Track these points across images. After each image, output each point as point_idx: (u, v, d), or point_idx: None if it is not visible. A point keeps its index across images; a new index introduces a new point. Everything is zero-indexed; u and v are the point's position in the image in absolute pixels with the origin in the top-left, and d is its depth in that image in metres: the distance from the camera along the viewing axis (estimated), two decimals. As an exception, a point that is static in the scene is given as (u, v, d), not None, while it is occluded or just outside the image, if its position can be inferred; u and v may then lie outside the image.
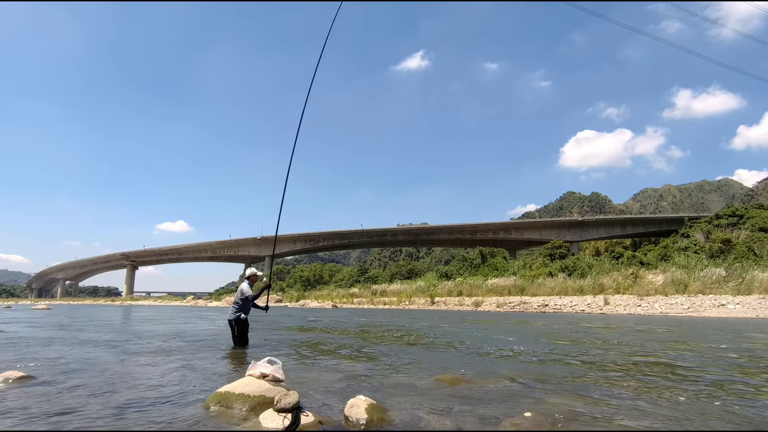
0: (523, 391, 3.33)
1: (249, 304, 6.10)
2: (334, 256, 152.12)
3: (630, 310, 16.38)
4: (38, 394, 3.23)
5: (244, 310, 6.09)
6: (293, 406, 2.44)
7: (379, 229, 74.50)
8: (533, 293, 23.54)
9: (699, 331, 8.79)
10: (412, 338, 7.60)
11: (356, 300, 31.59)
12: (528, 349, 5.92)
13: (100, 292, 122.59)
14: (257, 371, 2.99)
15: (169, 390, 3.41)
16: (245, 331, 6.15)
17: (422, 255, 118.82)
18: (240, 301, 6.03)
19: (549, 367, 4.51)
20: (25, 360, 5.01)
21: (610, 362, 4.80)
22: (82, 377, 3.92)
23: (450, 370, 4.21)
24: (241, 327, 6.08)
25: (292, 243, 75.91)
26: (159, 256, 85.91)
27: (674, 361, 4.86)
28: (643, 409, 2.79)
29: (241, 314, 6.04)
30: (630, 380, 3.76)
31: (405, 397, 3.14)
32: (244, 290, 6.05)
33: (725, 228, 32.81)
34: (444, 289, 28.91)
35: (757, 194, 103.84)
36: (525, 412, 2.57)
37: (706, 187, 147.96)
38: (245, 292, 6.03)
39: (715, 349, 5.77)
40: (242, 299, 6.02)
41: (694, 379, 3.82)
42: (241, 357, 5.37)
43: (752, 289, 16.41)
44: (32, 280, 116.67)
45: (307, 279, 55.90)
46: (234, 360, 5.19)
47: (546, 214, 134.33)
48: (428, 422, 2.52)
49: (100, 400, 3.03)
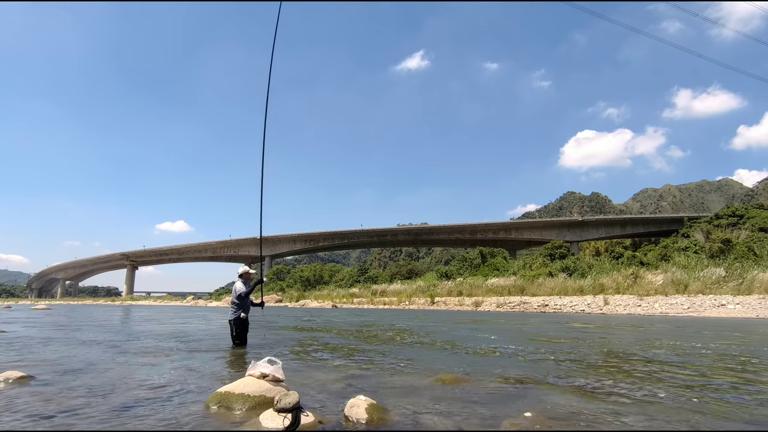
0: (523, 391, 3.33)
1: (247, 301, 6.08)
2: (334, 256, 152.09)
3: (630, 310, 16.37)
4: (38, 394, 3.23)
5: (243, 308, 6.08)
6: (293, 406, 2.44)
7: (379, 229, 74.51)
8: (533, 293, 23.54)
9: (697, 329, 8.79)
10: (411, 338, 7.60)
11: (356, 300, 31.57)
12: (528, 349, 5.92)
13: (100, 292, 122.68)
14: (257, 371, 2.99)
15: (169, 390, 3.41)
16: (245, 330, 6.13)
17: (422, 255, 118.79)
18: (237, 300, 6.00)
19: (549, 367, 4.51)
20: (25, 360, 5.01)
21: (609, 362, 4.80)
22: (82, 377, 3.92)
23: (450, 370, 4.21)
24: (240, 326, 6.06)
25: (292, 243, 75.91)
26: (159, 256, 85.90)
27: (672, 360, 4.86)
28: (643, 409, 2.79)
29: (240, 313, 6.03)
30: (630, 380, 3.76)
31: (405, 397, 3.14)
32: (238, 288, 6.00)
33: (725, 228, 32.80)
34: (444, 289, 28.90)
35: (757, 194, 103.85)
36: (525, 412, 2.57)
37: (706, 187, 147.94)
38: (239, 290, 5.98)
39: (704, 348, 5.78)
40: (238, 297, 5.99)
41: (703, 384, 3.82)
42: (241, 357, 5.36)
43: (752, 289, 16.41)
44: (32, 280, 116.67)
45: (307, 279, 55.83)
46: (234, 360, 5.19)
47: (546, 214, 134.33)
48: (428, 422, 2.52)
49: (100, 400, 3.03)
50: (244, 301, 6.03)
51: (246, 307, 6.11)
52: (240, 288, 6.03)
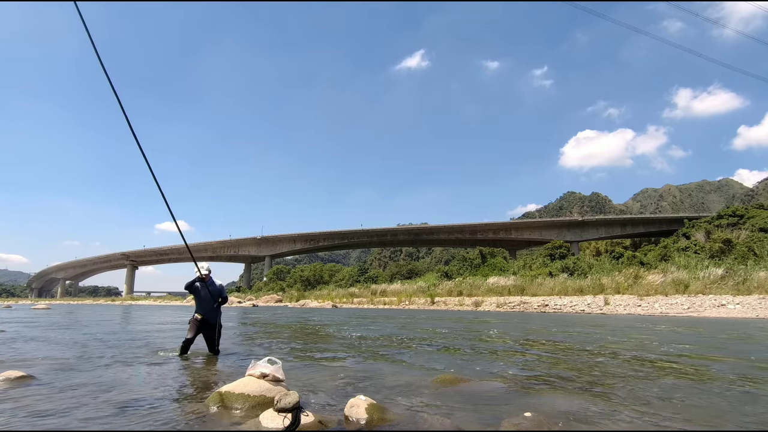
0: (523, 391, 3.33)
1: (211, 299, 5.43)
2: (334, 256, 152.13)
3: (630, 310, 16.37)
4: (38, 393, 3.23)
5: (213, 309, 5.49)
6: (293, 406, 2.44)
7: (379, 229, 74.52)
8: (533, 293, 23.53)
9: (696, 328, 8.79)
10: (411, 339, 7.60)
11: (356, 300, 31.56)
12: (528, 350, 5.92)
13: (100, 292, 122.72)
14: (257, 371, 2.98)
15: (169, 390, 3.41)
16: (215, 333, 5.51)
17: (422, 255, 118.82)
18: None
19: (549, 367, 4.51)
20: (25, 360, 5.01)
21: (610, 362, 4.80)
22: (82, 377, 3.92)
23: (449, 370, 4.22)
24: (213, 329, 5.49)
25: (292, 243, 75.93)
26: (159, 256, 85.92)
27: (670, 361, 4.86)
28: (643, 409, 2.79)
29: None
30: (629, 380, 3.76)
31: (405, 397, 3.14)
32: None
33: (725, 228, 32.81)
34: (444, 289, 28.89)
35: (758, 194, 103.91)
36: (525, 412, 2.57)
37: (706, 187, 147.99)
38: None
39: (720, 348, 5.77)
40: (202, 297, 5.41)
41: (697, 376, 3.82)
42: (240, 357, 5.36)
43: (752, 289, 16.41)
44: (32, 280, 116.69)
45: (307, 279, 55.86)
46: (234, 360, 5.19)
47: (546, 214, 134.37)
48: (428, 422, 2.52)
49: (100, 400, 3.03)
50: (208, 298, 5.47)
51: (207, 307, 5.49)
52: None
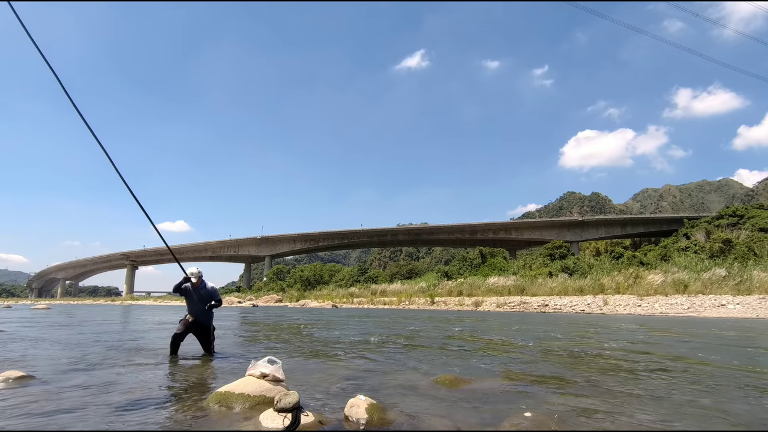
0: (524, 391, 3.33)
1: (201, 302, 5.32)
2: (334, 256, 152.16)
3: (630, 310, 16.36)
4: (38, 393, 3.23)
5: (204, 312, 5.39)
6: (293, 406, 2.44)
7: (379, 229, 74.53)
8: (533, 293, 23.52)
9: (695, 328, 8.78)
10: (411, 339, 7.60)
11: (356, 300, 31.55)
12: (528, 349, 5.92)
13: (100, 292, 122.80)
14: (257, 371, 2.99)
15: (169, 389, 3.41)
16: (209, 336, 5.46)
17: (422, 255, 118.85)
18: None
19: (549, 367, 4.51)
20: (25, 360, 5.01)
21: (610, 363, 4.80)
22: (83, 377, 3.92)
23: (449, 370, 4.22)
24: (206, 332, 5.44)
25: (292, 243, 75.93)
26: (159, 256, 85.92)
27: (672, 360, 4.87)
28: (644, 409, 2.79)
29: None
30: (630, 380, 3.76)
31: (405, 397, 3.14)
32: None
33: (725, 228, 32.81)
34: (444, 289, 28.89)
35: (758, 194, 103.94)
36: (525, 412, 2.57)
37: (706, 187, 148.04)
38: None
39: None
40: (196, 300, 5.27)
41: (703, 378, 3.82)
42: (240, 357, 5.36)
43: (752, 289, 16.40)
44: (32, 280, 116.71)
45: (307, 279, 55.86)
46: (234, 360, 5.19)
47: (546, 214, 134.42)
48: (428, 422, 2.52)
49: (100, 400, 3.03)
50: (199, 300, 5.35)
51: (199, 309, 5.37)
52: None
